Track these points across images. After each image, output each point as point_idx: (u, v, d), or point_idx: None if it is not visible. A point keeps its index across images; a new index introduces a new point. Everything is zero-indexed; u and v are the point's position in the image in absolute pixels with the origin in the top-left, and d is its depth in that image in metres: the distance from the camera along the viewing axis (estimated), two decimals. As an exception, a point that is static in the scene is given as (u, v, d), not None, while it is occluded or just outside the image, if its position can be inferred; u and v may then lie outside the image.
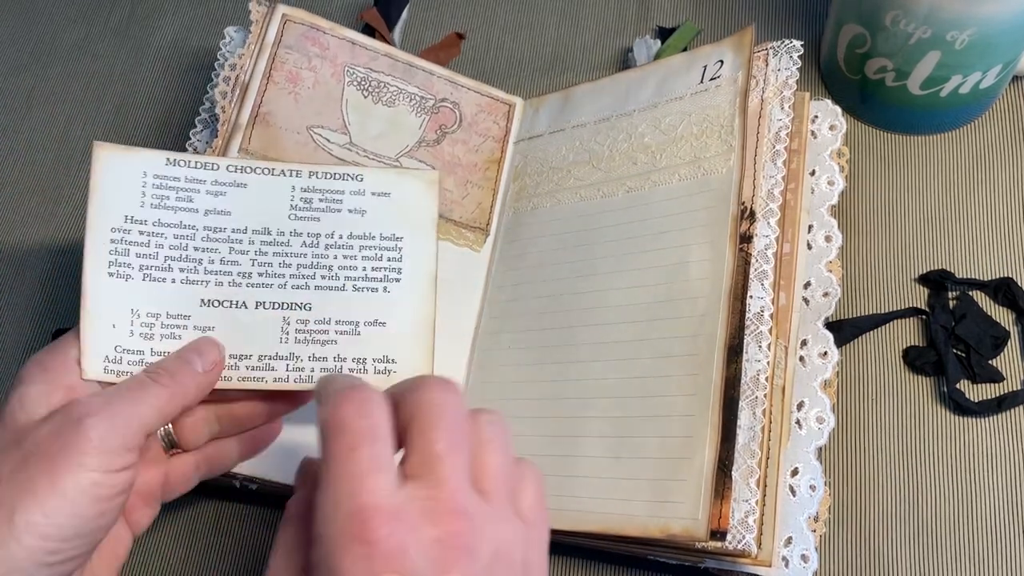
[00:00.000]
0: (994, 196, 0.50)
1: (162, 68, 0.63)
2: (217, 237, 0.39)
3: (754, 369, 0.41)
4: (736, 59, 0.46)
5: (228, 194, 0.39)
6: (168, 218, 0.38)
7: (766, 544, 0.39)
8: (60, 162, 0.61)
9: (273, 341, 0.39)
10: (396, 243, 0.40)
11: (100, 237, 0.37)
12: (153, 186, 0.38)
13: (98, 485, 0.32)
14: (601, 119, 0.50)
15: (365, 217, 0.40)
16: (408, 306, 0.40)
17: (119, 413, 0.33)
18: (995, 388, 0.46)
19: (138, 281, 0.38)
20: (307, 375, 0.39)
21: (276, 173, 0.40)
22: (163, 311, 0.38)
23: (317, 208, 0.40)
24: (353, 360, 0.39)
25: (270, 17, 0.50)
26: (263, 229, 0.39)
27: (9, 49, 0.65)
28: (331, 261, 0.39)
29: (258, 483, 0.45)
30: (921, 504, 0.44)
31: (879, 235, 0.50)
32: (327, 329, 0.39)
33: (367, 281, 0.40)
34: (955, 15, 0.43)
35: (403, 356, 0.39)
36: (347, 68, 0.51)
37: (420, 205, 0.40)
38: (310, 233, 0.39)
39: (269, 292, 0.39)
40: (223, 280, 0.38)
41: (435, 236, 0.40)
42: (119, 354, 0.37)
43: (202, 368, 0.36)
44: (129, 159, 0.38)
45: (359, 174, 0.40)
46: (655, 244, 0.45)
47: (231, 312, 0.38)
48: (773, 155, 0.45)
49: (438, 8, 0.63)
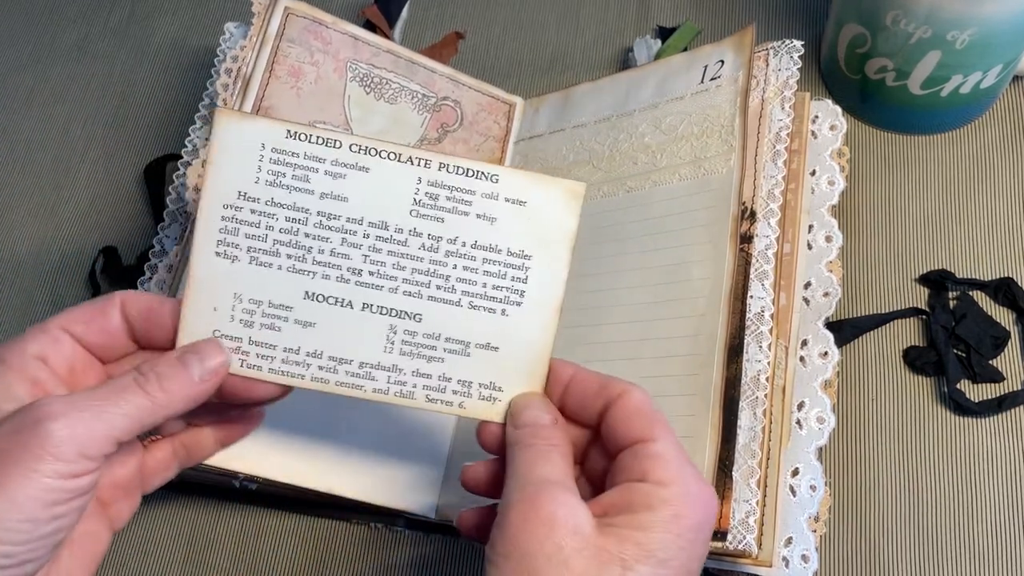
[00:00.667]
0: (994, 196, 0.50)
1: (162, 67, 0.63)
2: (331, 225, 0.36)
3: (754, 369, 0.41)
4: (736, 59, 0.46)
5: (348, 177, 0.36)
6: (282, 198, 0.36)
7: (766, 544, 0.39)
8: (60, 162, 0.61)
9: (376, 349, 0.36)
10: (524, 261, 0.36)
11: (213, 212, 0.35)
12: (271, 160, 0.35)
13: (52, 491, 0.30)
14: (601, 119, 0.50)
15: (494, 225, 0.36)
16: (525, 334, 0.36)
17: (84, 419, 0.31)
18: (995, 388, 0.46)
19: (244, 264, 0.36)
20: (408, 390, 0.36)
21: (403, 160, 0.36)
22: (266, 299, 0.36)
23: (442, 207, 0.36)
24: (458, 382, 0.36)
25: (272, 9, 0.49)
26: (380, 223, 0.36)
27: (9, 49, 0.65)
28: (449, 271, 0.36)
29: (258, 483, 0.45)
30: (921, 504, 0.44)
31: (879, 235, 0.50)
32: (435, 345, 0.36)
33: (485, 299, 0.36)
34: (955, 15, 0.43)
35: (511, 386, 0.36)
36: (349, 63, 0.51)
37: (558, 220, 0.36)
38: (431, 235, 0.36)
39: (378, 295, 0.36)
40: (331, 274, 0.36)
41: (569, 259, 0.36)
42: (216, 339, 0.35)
43: (199, 377, 0.34)
44: (249, 128, 0.35)
45: (495, 174, 0.36)
46: (655, 244, 0.44)
47: (335, 310, 0.36)
48: (773, 155, 0.45)
49: (438, 7, 0.63)
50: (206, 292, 0.35)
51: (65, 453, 0.30)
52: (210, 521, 0.49)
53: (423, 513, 0.45)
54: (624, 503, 0.30)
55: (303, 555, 0.48)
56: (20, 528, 0.30)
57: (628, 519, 0.29)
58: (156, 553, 0.48)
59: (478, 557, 0.47)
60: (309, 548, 0.48)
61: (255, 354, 0.36)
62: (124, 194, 0.59)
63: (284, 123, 0.36)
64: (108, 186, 0.60)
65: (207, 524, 0.49)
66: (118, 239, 0.57)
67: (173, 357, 0.34)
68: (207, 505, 0.49)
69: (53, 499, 0.30)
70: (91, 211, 0.59)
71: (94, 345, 0.35)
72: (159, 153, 0.59)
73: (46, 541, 0.31)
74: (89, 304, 0.35)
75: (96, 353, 0.35)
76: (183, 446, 0.38)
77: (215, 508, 0.49)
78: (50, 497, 0.30)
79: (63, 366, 0.34)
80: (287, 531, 0.48)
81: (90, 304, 0.35)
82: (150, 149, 0.60)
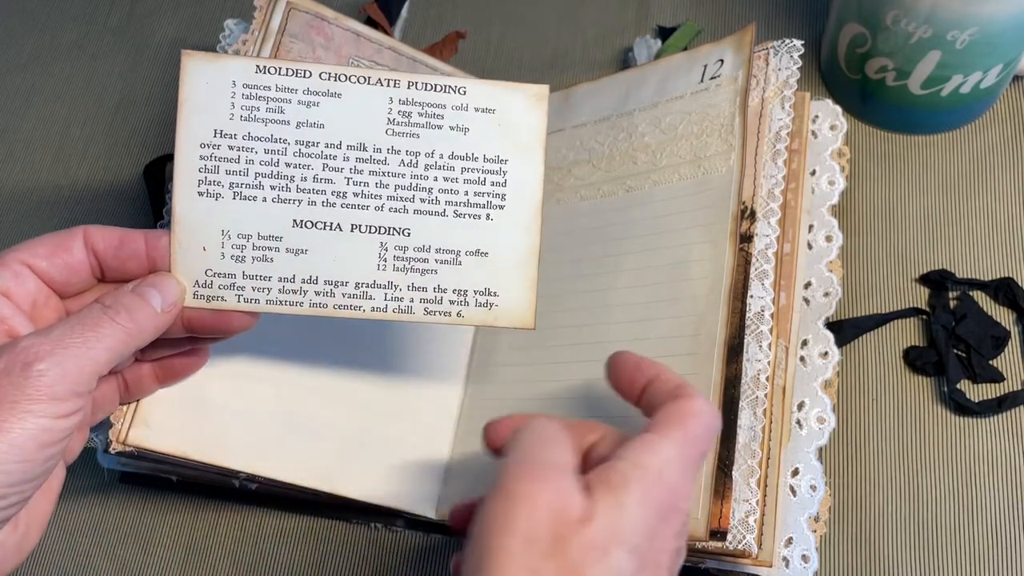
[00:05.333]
0: (994, 196, 0.50)
1: (161, 67, 0.63)
2: (310, 152, 0.36)
3: (754, 369, 0.41)
4: (736, 58, 0.46)
5: (321, 104, 0.36)
6: (258, 131, 0.36)
7: (766, 544, 0.39)
8: (60, 162, 0.61)
9: (370, 268, 0.37)
10: (500, 166, 0.37)
11: (189, 155, 0.36)
12: (243, 96, 0.36)
13: (47, 431, 0.30)
14: (601, 118, 0.50)
15: (468, 136, 0.37)
16: (512, 236, 0.37)
17: (71, 356, 0.31)
18: (995, 388, 0.46)
19: (228, 200, 0.36)
20: (406, 306, 0.37)
21: (372, 82, 0.37)
22: (254, 232, 0.36)
23: (416, 123, 0.37)
24: (454, 292, 0.37)
25: (274, 3, 0.49)
26: (358, 144, 0.37)
27: (9, 49, 0.65)
28: (431, 183, 0.37)
29: (258, 483, 0.45)
30: (921, 504, 0.44)
31: (880, 235, 0.50)
32: (427, 257, 0.37)
33: (469, 207, 0.37)
34: (956, 15, 0.43)
35: (505, 289, 0.37)
36: (352, 60, 0.51)
37: (527, 123, 0.37)
38: (408, 151, 0.37)
39: (365, 214, 0.37)
40: (316, 200, 0.36)
41: (542, 159, 0.37)
42: (210, 278, 0.36)
43: (160, 307, 0.34)
44: (218, 67, 0.36)
45: (462, 86, 0.37)
46: (655, 243, 0.44)
47: (325, 235, 0.36)
48: (774, 155, 0.45)
49: (438, 7, 0.62)
50: (193, 233, 0.36)
51: (59, 392, 0.30)
52: (210, 521, 0.49)
53: (423, 513, 0.45)
54: (603, 479, 0.30)
55: (303, 555, 0.48)
56: (17, 470, 0.30)
57: (606, 495, 0.29)
58: (156, 553, 0.48)
59: (478, 557, 0.47)
60: (309, 548, 0.48)
61: (251, 287, 0.36)
62: (124, 194, 0.59)
63: (252, 59, 0.36)
64: (108, 186, 0.60)
65: (207, 524, 0.49)
66: (118, 239, 0.57)
67: (129, 290, 0.34)
68: (207, 505, 0.49)
69: (48, 439, 0.30)
70: (91, 211, 0.59)
71: (55, 280, 0.35)
72: (159, 153, 0.59)
73: (37, 482, 0.32)
74: (50, 237, 0.35)
75: (56, 288, 0.35)
76: (124, 382, 0.38)
77: (215, 508, 0.49)
78: (46, 437, 0.30)
79: (26, 301, 0.34)
80: (287, 531, 0.48)
81: (51, 237, 0.35)
82: (150, 149, 0.60)
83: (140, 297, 0.34)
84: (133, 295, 0.34)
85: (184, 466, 0.42)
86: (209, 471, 0.43)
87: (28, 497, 0.32)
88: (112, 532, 0.49)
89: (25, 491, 0.31)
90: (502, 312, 0.36)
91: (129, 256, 0.35)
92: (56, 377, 0.30)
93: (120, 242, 0.35)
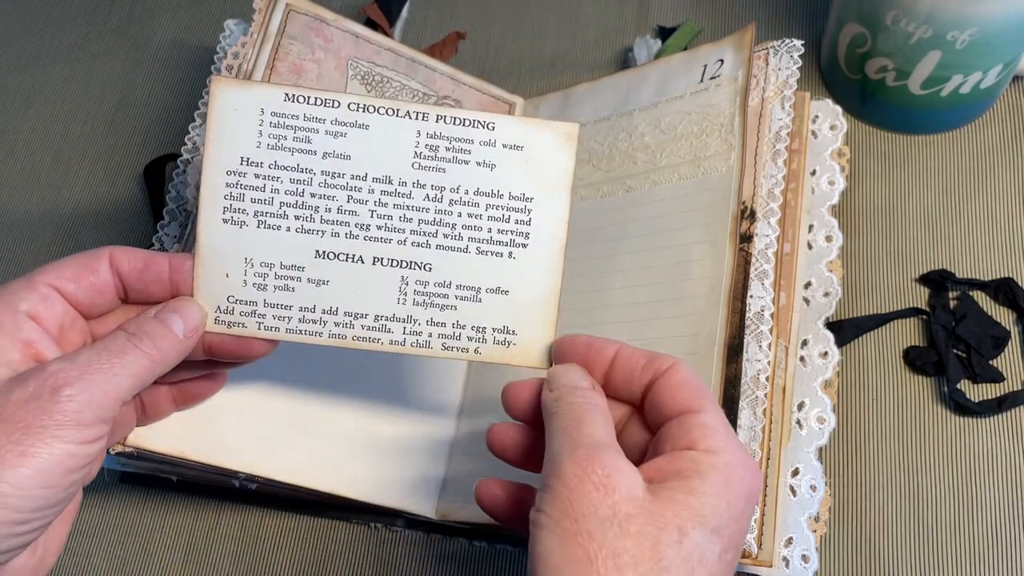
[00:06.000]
0: (994, 196, 0.50)
1: (161, 67, 0.63)
2: (335, 183, 0.36)
3: (754, 369, 0.41)
4: (736, 58, 0.46)
5: (348, 136, 0.36)
6: (285, 160, 0.36)
7: (767, 544, 0.39)
8: (60, 162, 0.61)
9: (390, 301, 0.37)
10: (525, 204, 0.37)
11: (215, 181, 0.36)
12: (271, 124, 0.36)
13: (72, 456, 0.30)
14: (601, 118, 0.50)
15: (494, 172, 0.37)
16: (534, 275, 0.37)
17: (98, 383, 0.31)
18: (995, 388, 0.46)
19: (252, 228, 0.36)
20: (424, 340, 0.37)
21: (401, 115, 0.37)
22: (277, 261, 0.36)
23: (443, 158, 0.37)
24: (473, 328, 0.37)
25: (273, 6, 0.49)
26: (384, 177, 0.37)
27: (9, 49, 0.65)
28: (454, 219, 0.37)
29: (258, 483, 0.45)
30: (921, 504, 0.44)
31: (880, 235, 0.50)
32: (447, 293, 0.37)
33: (492, 244, 0.37)
34: (956, 15, 0.43)
35: (524, 329, 0.37)
36: (351, 61, 0.51)
37: (555, 161, 0.37)
38: (434, 185, 0.37)
39: (388, 248, 0.37)
40: (340, 231, 0.36)
41: (568, 199, 0.37)
42: (231, 304, 0.36)
43: (183, 333, 0.34)
44: (248, 94, 0.36)
45: (491, 122, 0.37)
46: (655, 243, 0.44)
47: (347, 267, 0.37)
48: (774, 154, 0.45)
49: (438, 7, 0.63)
50: (216, 260, 0.36)
51: (85, 417, 0.30)
52: (210, 521, 0.49)
53: (423, 513, 0.45)
54: (672, 470, 0.30)
55: (303, 555, 0.48)
56: (40, 495, 0.30)
57: (679, 484, 0.29)
58: (156, 553, 0.48)
59: (478, 557, 0.47)
60: (309, 548, 0.48)
61: (272, 316, 0.36)
62: (124, 194, 0.59)
63: (281, 87, 0.36)
64: (108, 186, 0.60)
65: (207, 524, 0.49)
66: (118, 238, 0.57)
67: (151, 316, 0.34)
68: (207, 505, 0.49)
69: (73, 464, 0.30)
70: (91, 210, 0.59)
71: (81, 303, 0.35)
72: (159, 153, 0.59)
73: (59, 507, 0.32)
74: (76, 259, 0.35)
75: (82, 310, 0.35)
76: (142, 404, 0.38)
77: (215, 508, 0.49)
78: (71, 463, 0.30)
79: (54, 324, 0.34)
80: (287, 531, 0.48)
81: (77, 259, 0.35)
82: (150, 149, 0.60)
83: (163, 324, 0.34)
84: (156, 322, 0.34)
85: (184, 466, 0.42)
86: (209, 471, 0.43)
87: (49, 523, 0.32)
88: (112, 532, 0.49)
89: (47, 516, 0.31)
90: (519, 351, 0.36)
91: (153, 279, 0.35)
92: (83, 403, 0.30)
93: (145, 265, 0.35)
